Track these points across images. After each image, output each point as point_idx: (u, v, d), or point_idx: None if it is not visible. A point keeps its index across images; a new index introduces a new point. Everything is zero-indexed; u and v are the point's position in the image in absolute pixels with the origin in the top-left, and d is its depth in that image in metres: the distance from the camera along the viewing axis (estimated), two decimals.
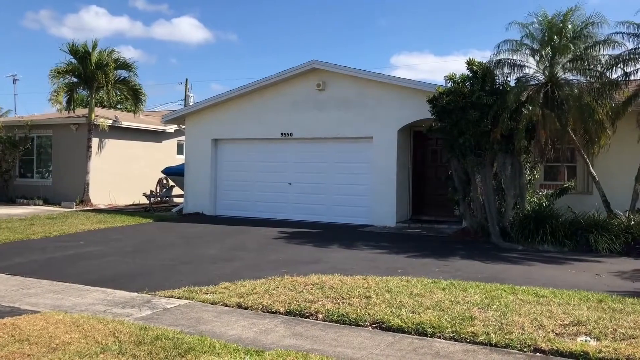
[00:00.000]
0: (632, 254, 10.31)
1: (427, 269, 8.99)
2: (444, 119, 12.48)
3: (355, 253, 10.72)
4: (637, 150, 11.77)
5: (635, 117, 11.69)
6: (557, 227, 11.14)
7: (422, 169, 15.81)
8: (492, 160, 12.23)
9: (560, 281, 7.99)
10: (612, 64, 11.75)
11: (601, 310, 6.09)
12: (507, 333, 5.38)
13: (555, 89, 11.79)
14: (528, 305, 6.33)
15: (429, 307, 6.29)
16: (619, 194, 12.10)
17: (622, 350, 4.87)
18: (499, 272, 8.78)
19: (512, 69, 12.28)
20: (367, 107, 15.07)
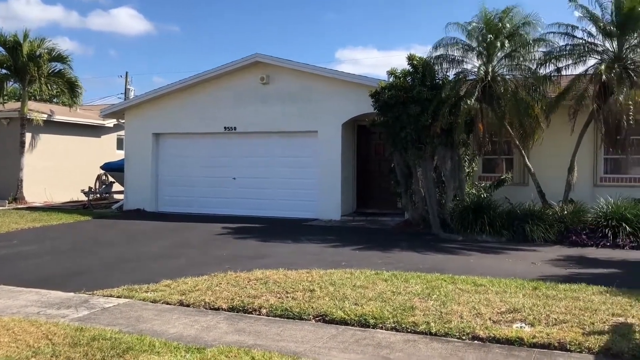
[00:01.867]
0: (565, 243, 10.77)
1: (371, 261, 9.10)
2: (386, 114, 12.64)
3: (300, 247, 10.73)
4: (570, 143, 12.26)
5: (567, 111, 12.17)
6: (495, 217, 11.49)
7: (366, 163, 15.98)
8: (432, 153, 12.49)
9: (498, 270, 8.24)
10: (545, 60, 12.16)
11: (536, 297, 6.33)
12: (446, 322, 5.51)
13: (493, 84, 12.13)
14: (467, 294, 6.50)
15: (372, 298, 6.36)
16: (553, 185, 12.58)
17: (554, 334, 5.07)
18: (439, 263, 8.99)
19: (451, 64, 12.56)
20: (311, 102, 15.08)
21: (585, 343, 4.87)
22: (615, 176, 13.66)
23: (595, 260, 9.30)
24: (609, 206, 11.22)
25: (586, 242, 10.57)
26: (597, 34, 11.77)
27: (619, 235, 10.50)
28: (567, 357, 4.74)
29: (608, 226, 10.73)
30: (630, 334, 5.02)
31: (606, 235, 10.59)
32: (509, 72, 12.53)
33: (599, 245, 10.39)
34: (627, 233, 10.48)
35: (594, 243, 10.50)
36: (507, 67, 12.50)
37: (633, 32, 11.28)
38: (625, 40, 11.42)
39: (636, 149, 12.89)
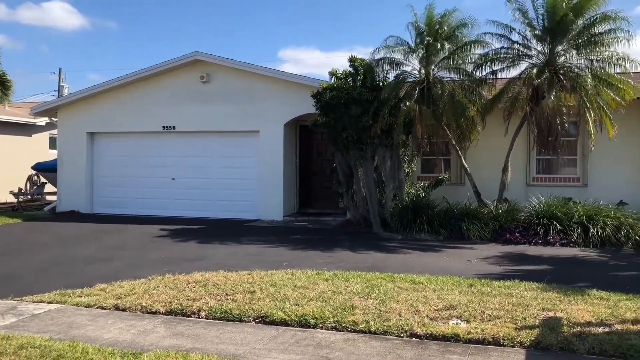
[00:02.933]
0: (499, 240, 11.14)
1: (312, 261, 9.12)
2: (328, 114, 12.72)
3: (242, 248, 10.63)
4: (504, 144, 12.69)
5: (502, 113, 12.59)
6: (433, 216, 11.78)
7: (308, 163, 16.02)
8: (373, 154, 12.66)
9: (436, 268, 8.43)
10: (481, 62, 12.52)
11: (471, 294, 6.51)
12: (385, 320, 5.58)
13: (431, 86, 12.41)
14: (406, 292, 6.61)
15: (312, 298, 6.36)
16: (488, 184, 12.99)
17: (489, 330, 5.23)
18: (380, 261, 9.11)
19: (391, 66, 12.75)
20: (253, 101, 14.97)
21: (517, 337, 5.04)
22: (547, 176, 14.25)
23: (528, 257, 9.66)
24: (541, 205, 11.70)
25: (519, 239, 10.98)
26: (531, 38, 12.21)
27: (550, 232, 10.95)
28: (501, 351, 4.89)
29: (540, 224, 11.18)
30: (558, 328, 5.23)
31: (538, 233, 11.03)
32: (447, 74, 12.84)
33: (532, 243, 10.81)
34: (557, 231, 10.95)
35: (527, 240, 10.91)
36: (446, 69, 12.81)
37: (563, 38, 11.78)
38: (556, 46, 11.91)
39: (566, 150, 13.50)
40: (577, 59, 11.95)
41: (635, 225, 10.85)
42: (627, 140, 12.96)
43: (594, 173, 13.68)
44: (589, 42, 11.61)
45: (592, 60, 11.69)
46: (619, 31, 11.34)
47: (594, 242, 10.56)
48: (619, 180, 13.33)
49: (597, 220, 10.89)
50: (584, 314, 5.66)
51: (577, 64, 11.84)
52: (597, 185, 13.46)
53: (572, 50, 11.90)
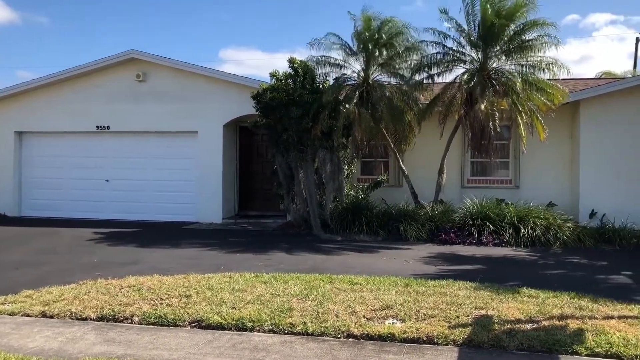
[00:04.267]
0: (435, 241, 11.40)
1: (251, 263, 9.04)
2: (268, 115, 12.65)
3: (179, 252, 10.40)
4: (440, 147, 12.99)
5: (438, 117, 12.89)
6: (372, 218, 11.94)
7: (248, 164, 15.87)
8: (313, 155, 12.69)
9: (374, 268, 8.53)
10: (418, 67, 12.76)
11: (407, 294, 6.61)
12: (323, 321, 5.58)
13: (370, 89, 12.57)
14: (343, 293, 6.64)
15: (250, 301, 6.29)
16: (425, 186, 13.26)
17: (423, 329, 5.32)
18: (319, 263, 9.13)
19: (332, 68, 12.80)
20: (191, 101, 14.70)
21: (451, 336, 5.15)
22: (481, 178, 14.68)
23: (462, 257, 9.93)
24: (475, 206, 12.06)
25: (454, 240, 11.27)
26: (465, 44, 12.56)
27: (484, 233, 11.30)
28: (435, 350, 4.98)
29: (474, 225, 11.52)
30: (490, 325, 5.38)
31: (472, 233, 11.36)
32: (386, 78, 13.04)
33: (466, 243, 11.11)
34: (490, 231, 11.31)
35: (462, 241, 11.22)
36: (385, 73, 13.00)
37: (495, 44, 12.18)
38: (488, 52, 12.30)
39: (499, 153, 13.96)
40: (509, 64, 12.39)
41: (563, 225, 11.35)
42: (557, 143, 13.55)
43: (525, 175, 14.22)
44: (519, 47, 12.06)
45: (522, 65, 12.16)
46: (548, 37, 11.84)
47: (524, 242, 10.98)
48: (548, 182, 13.90)
49: (528, 220, 11.33)
50: (514, 311, 5.85)
51: (508, 69, 12.27)
52: (528, 187, 13.99)
53: (504, 56, 12.33)
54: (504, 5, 11.85)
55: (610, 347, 4.84)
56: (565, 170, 13.98)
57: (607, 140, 12.84)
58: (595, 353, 4.80)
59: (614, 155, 12.71)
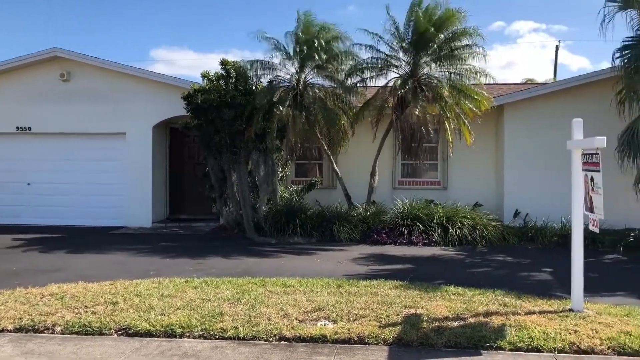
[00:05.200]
0: (368, 242, 11.55)
1: (182, 268, 8.83)
2: (200, 117, 12.42)
3: (106, 257, 10.02)
4: (373, 150, 13.20)
5: (371, 120, 13.08)
6: (306, 220, 11.96)
7: (179, 167, 15.52)
8: (247, 158, 12.57)
9: (308, 270, 8.54)
10: (352, 71, 12.89)
11: (339, 295, 6.66)
12: (254, 325, 5.53)
13: (304, 92, 12.59)
14: (276, 296, 6.61)
15: (180, 307, 6.15)
16: (358, 188, 13.44)
17: (354, 329, 5.37)
18: (252, 266, 9.05)
19: (265, 70, 12.71)
20: (119, 102, 14.23)
21: (381, 335, 5.23)
22: (412, 180, 15.03)
23: (393, 257, 10.11)
24: (405, 207, 12.33)
25: (386, 240, 11.46)
26: (398, 49, 12.78)
27: (414, 233, 11.56)
28: (365, 349, 5.03)
29: (404, 225, 11.77)
30: (419, 324, 5.50)
31: (403, 233, 11.60)
32: (320, 81, 13.08)
33: (397, 243, 11.33)
34: (420, 231, 11.58)
35: (393, 241, 11.43)
36: (319, 77, 13.04)
37: (426, 50, 12.49)
38: (420, 58, 12.59)
39: (428, 156, 14.35)
40: (438, 70, 12.73)
41: (488, 225, 11.78)
42: (483, 145, 14.06)
43: (453, 177, 14.67)
44: (448, 55, 12.41)
45: (451, 72, 12.53)
46: (475, 46, 12.26)
47: (452, 241, 11.31)
48: (475, 184, 14.40)
49: (456, 221, 11.69)
50: (442, 309, 6.01)
51: (438, 76, 12.59)
52: (456, 188, 14.45)
53: (434, 63, 12.66)
54: (435, 14, 12.17)
55: (532, 341, 5.06)
56: (491, 171, 14.54)
57: (529, 143, 13.44)
58: (518, 347, 5.00)
59: (535, 157, 13.31)
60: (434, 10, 12.19)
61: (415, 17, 12.17)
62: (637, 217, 12.01)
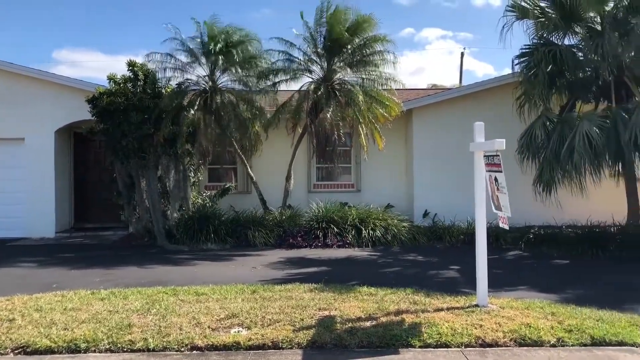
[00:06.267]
0: (283, 246, 11.52)
1: (88, 280, 8.41)
2: (106, 121, 11.89)
3: (2, 271, 9.33)
4: (288, 153, 13.21)
5: (285, 124, 13.08)
6: (220, 225, 11.76)
7: (84, 173, 14.78)
8: (156, 163, 12.17)
9: (222, 277, 8.37)
10: (265, 74, 12.81)
11: (253, 301, 6.58)
12: (165, 335, 5.34)
13: (215, 96, 12.38)
14: (188, 305, 6.43)
15: (85, 320, 5.83)
16: (274, 192, 13.40)
17: (269, 335, 5.32)
18: (163, 275, 8.76)
19: (175, 73, 12.37)
20: (16, 105, 13.33)
21: (295, 339, 5.21)
22: (326, 183, 15.19)
23: (309, 260, 10.14)
24: (320, 210, 12.43)
25: (302, 243, 11.49)
26: (311, 54, 12.86)
27: (329, 235, 11.67)
28: (279, 354, 4.99)
29: (319, 228, 11.85)
30: (332, 326, 5.54)
31: (318, 236, 11.68)
32: (232, 84, 12.91)
33: (312, 246, 11.39)
34: (334, 233, 11.71)
35: (308, 244, 11.48)
36: (231, 80, 12.88)
37: (339, 56, 12.66)
38: (332, 63, 12.74)
39: (342, 159, 14.57)
40: (352, 76, 12.94)
41: (399, 225, 12.12)
42: (394, 148, 14.43)
43: (366, 179, 14.97)
44: (361, 61, 12.64)
45: (363, 78, 12.77)
46: (387, 53, 12.56)
47: (366, 243, 11.53)
48: (387, 186, 14.77)
49: (369, 222, 11.93)
50: (355, 310, 6.08)
51: (351, 81, 12.79)
52: (369, 190, 14.75)
53: (348, 68, 12.86)
54: (349, 20, 12.35)
55: (440, 337, 5.23)
56: (402, 173, 14.97)
57: (436, 146, 13.97)
58: (427, 344, 5.15)
59: (442, 159, 13.83)
60: (345, 15, 12.36)
61: (328, 22, 12.29)
62: (537, 215, 12.77)
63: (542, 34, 12.00)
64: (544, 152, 11.27)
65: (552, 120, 11.57)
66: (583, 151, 10.19)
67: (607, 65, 10.68)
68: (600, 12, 11.16)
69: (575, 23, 11.65)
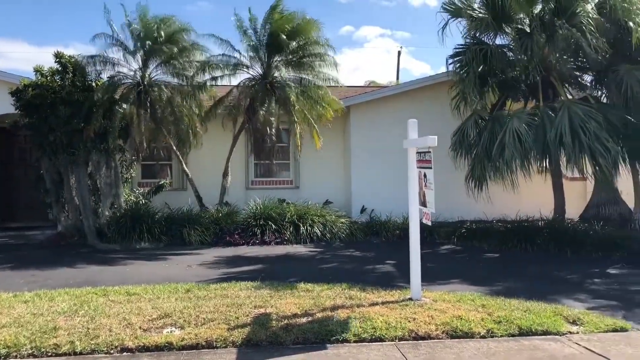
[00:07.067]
0: (220, 244, 11.35)
1: (11, 281, 7.97)
2: (32, 115, 11.34)
3: None
4: (226, 150, 13.02)
5: (223, 119, 12.88)
6: (154, 223, 11.45)
7: (9, 170, 14.06)
8: (87, 159, 11.71)
9: (155, 276, 8.14)
10: (201, 69, 12.55)
11: (187, 300, 6.42)
12: (93, 338, 5.13)
13: (149, 89, 12.04)
14: (119, 306, 6.20)
15: (6, 325, 5.51)
16: (211, 189, 13.17)
17: (202, 334, 5.20)
18: (93, 275, 8.44)
19: (105, 66, 11.94)
20: None
21: (230, 338, 5.12)
22: (265, 179, 15.09)
23: (246, 257, 10.03)
24: (258, 207, 12.31)
25: (239, 241, 11.35)
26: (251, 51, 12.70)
27: (267, 232, 11.58)
28: (213, 353, 4.89)
29: (257, 225, 11.74)
30: (268, 323, 5.48)
31: (256, 233, 11.56)
32: (168, 78, 12.58)
33: (250, 243, 11.28)
34: (272, 230, 11.63)
35: (246, 241, 11.35)
36: (167, 73, 12.53)
37: (279, 55, 12.57)
38: (272, 61, 12.63)
39: (280, 156, 14.51)
40: (291, 75, 12.87)
41: (337, 221, 12.19)
42: (333, 146, 14.50)
43: (304, 176, 14.97)
44: (301, 61, 12.61)
45: (302, 78, 12.74)
46: (327, 55, 12.58)
47: (304, 239, 11.52)
48: (326, 182, 14.82)
49: (307, 218, 11.93)
50: (291, 306, 6.05)
51: (289, 80, 12.71)
52: (308, 186, 14.76)
53: (286, 67, 12.79)
54: (292, 19, 12.25)
55: (375, 331, 5.27)
56: (340, 170, 15.06)
57: (373, 143, 14.14)
58: (362, 339, 5.18)
59: (379, 155, 14.01)
60: (291, 16, 12.27)
61: (273, 21, 12.18)
62: (469, 210, 13.16)
63: (475, 33, 12.34)
64: (476, 149, 11.61)
65: (483, 118, 11.95)
66: (513, 148, 10.56)
67: (535, 65, 11.11)
68: (529, 13, 11.58)
69: (506, 24, 12.04)
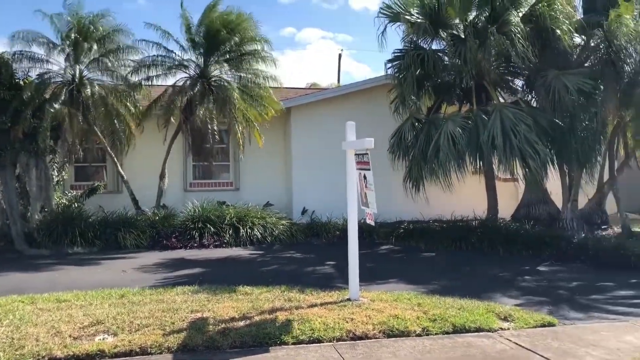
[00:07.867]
0: (157, 247, 11.09)
1: None
2: None
3: None
4: (162, 151, 12.73)
5: (159, 120, 12.58)
6: (87, 227, 11.08)
7: None
8: (14, 160, 11.23)
9: (87, 282, 7.86)
10: (136, 67, 12.26)
11: (121, 306, 6.22)
12: (19, 348, 4.88)
13: (82, 88, 11.62)
14: (47, 313, 5.93)
15: None
16: (147, 191, 12.83)
17: (136, 340, 5.04)
18: (21, 282, 8.05)
19: (34, 63, 11.48)
20: None
21: (165, 343, 4.99)
22: (203, 181, 14.86)
23: (184, 261, 9.83)
24: (196, 209, 12.11)
25: (176, 245, 11.13)
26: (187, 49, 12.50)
27: (205, 235, 11.41)
28: None
29: (195, 228, 11.54)
30: (205, 327, 5.38)
31: (194, 236, 11.36)
32: (101, 77, 12.21)
33: (188, 247, 11.08)
34: (211, 233, 11.47)
35: (184, 245, 11.14)
36: (99, 71, 12.17)
37: (217, 52, 12.42)
38: (209, 60, 12.47)
39: (219, 157, 14.35)
40: (229, 74, 12.75)
41: (278, 223, 12.15)
42: (274, 146, 14.46)
43: (245, 177, 14.84)
44: (239, 59, 12.52)
45: (241, 76, 12.64)
46: (265, 52, 12.55)
47: (244, 242, 11.43)
48: (267, 184, 14.73)
49: (247, 221, 11.83)
50: (229, 310, 5.97)
51: (228, 79, 12.59)
52: (248, 188, 14.63)
53: (225, 65, 12.66)
54: (229, 17, 12.13)
55: (313, 333, 5.28)
56: (281, 171, 15.03)
57: (313, 144, 14.17)
58: (301, 340, 5.17)
59: (319, 157, 14.04)
60: (228, 14, 12.15)
61: (209, 19, 12.02)
62: (407, 210, 13.41)
63: (412, 38, 12.60)
64: (413, 151, 11.86)
65: (420, 121, 12.22)
66: (448, 150, 10.85)
67: (469, 70, 11.46)
68: (464, 20, 11.93)
69: (442, 29, 12.37)
